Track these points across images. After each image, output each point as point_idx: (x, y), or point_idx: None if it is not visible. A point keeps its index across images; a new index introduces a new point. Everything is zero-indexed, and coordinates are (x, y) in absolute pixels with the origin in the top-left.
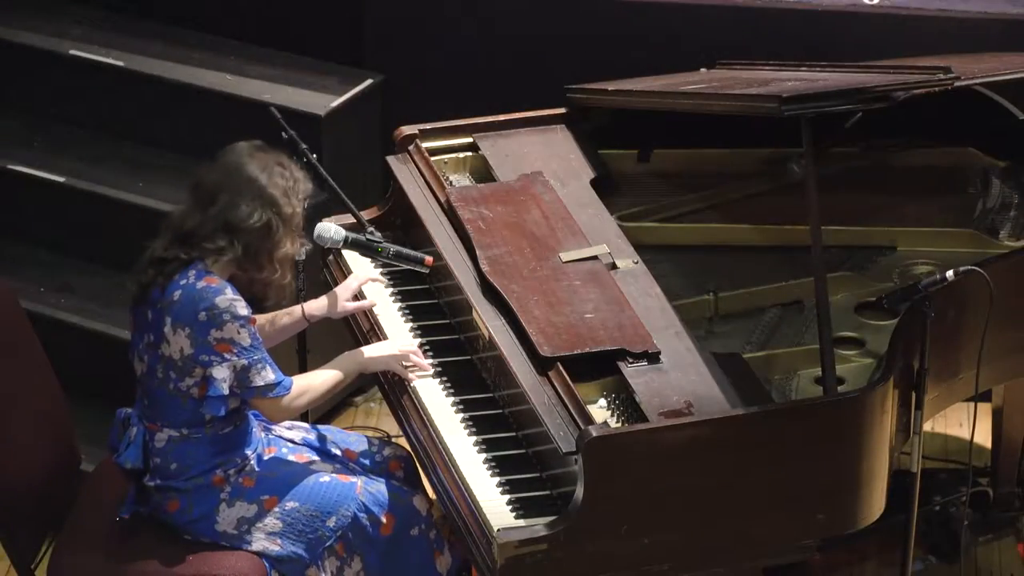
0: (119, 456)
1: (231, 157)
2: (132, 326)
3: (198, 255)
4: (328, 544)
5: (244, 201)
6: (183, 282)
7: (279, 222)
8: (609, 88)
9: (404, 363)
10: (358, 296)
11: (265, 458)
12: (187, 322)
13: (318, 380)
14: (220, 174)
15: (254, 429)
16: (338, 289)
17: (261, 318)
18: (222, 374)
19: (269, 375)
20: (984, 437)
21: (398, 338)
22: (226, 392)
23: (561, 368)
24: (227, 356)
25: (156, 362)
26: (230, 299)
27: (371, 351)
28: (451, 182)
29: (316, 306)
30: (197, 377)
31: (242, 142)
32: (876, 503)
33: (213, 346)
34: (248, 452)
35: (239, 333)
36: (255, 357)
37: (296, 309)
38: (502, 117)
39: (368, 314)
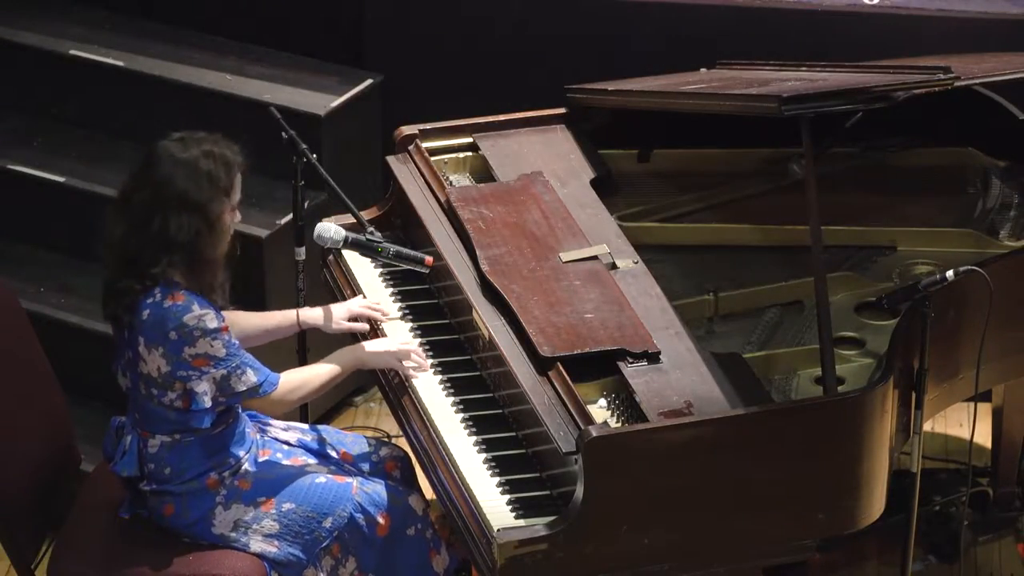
0: (115, 465)
1: (157, 169)
2: (114, 342)
3: (151, 283)
4: (324, 545)
5: (173, 215)
6: (149, 301)
7: (207, 227)
8: (609, 88)
9: (403, 360)
10: (356, 320)
11: (260, 460)
12: (159, 342)
13: (315, 373)
14: (149, 192)
15: (248, 430)
16: (337, 306)
17: (253, 317)
18: (202, 387)
19: (251, 378)
20: (984, 437)
21: (398, 335)
22: (208, 405)
23: (561, 368)
24: (205, 370)
25: (137, 379)
26: (198, 315)
27: (371, 346)
28: (451, 182)
29: (311, 315)
30: (179, 390)
31: (164, 143)
32: (876, 503)
33: (189, 363)
34: (241, 453)
35: (212, 346)
36: (233, 364)
37: (291, 313)
38: (502, 117)
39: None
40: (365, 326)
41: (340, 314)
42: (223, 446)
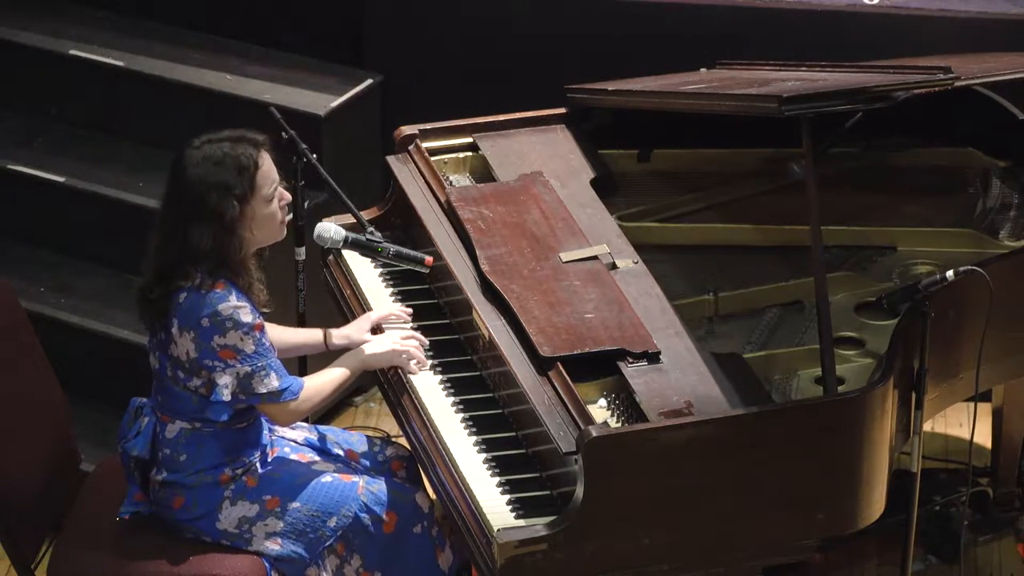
0: (127, 442)
1: (176, 181)
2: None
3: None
4: (328, 544)
5: (193, 225)
6: (188, 285)
7: (224, 232)
8: (609, 88)
9: (404, 356)
10: (375, 330)
11: (268, 459)
12: (191, 327)
13: (324, 382)
14: (171, 203)
15: (265, 431)
16: (358, 321)
17: (280, 330)
18: (224, 380)
19: (273, 382)
20: (984, 437)
21: (396, 331)
22: (227, 399)
23: (561, 368)
24: (230, 363)
25: (166, 360)
26: (233, 306)
27: (372, 348)
28: (451, 182)
29: (338, 337)
30: (204, 378)
31: (185, 152)
32: (876, 503)
33: (216, 352)
34: (256, 453)
35: (242, 340)
36: (259, 364)
37: (316, 332)
38: (502, 117)
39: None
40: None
41: (363, 327)
42: (241, 444)
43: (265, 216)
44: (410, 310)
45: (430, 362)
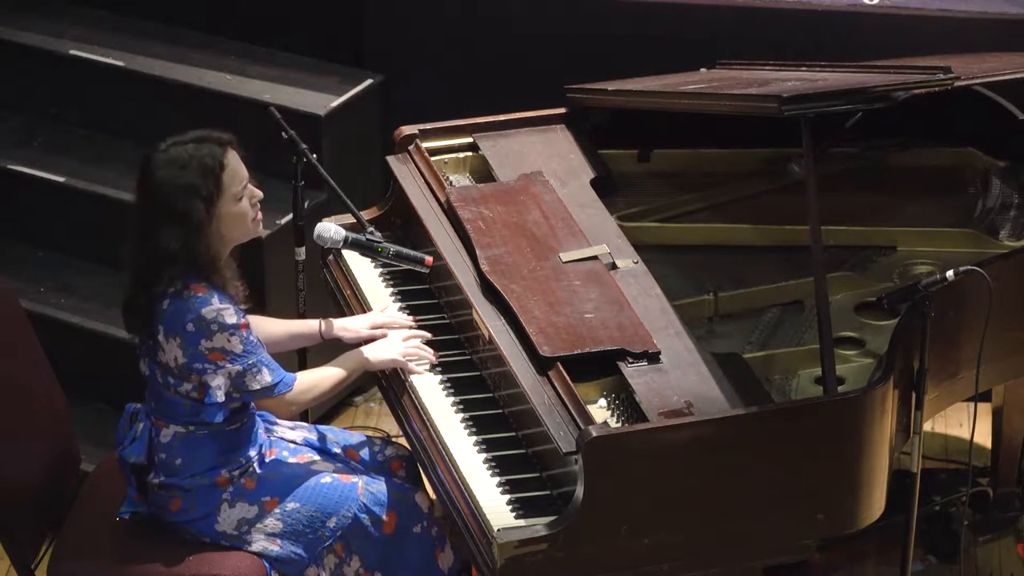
0: (123, 449)
1: (143, 186)
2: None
3: (162, 290)
4: (328, 544)
5: (163, 228)
6: (171, 291)
7: (193, 232)
8: (609, 88)
9: (407, 358)
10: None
11: (267, 460)
12: (176, 332)
13: (320, 377)
14: (140, 207)
15: (259, 430)
16: (359, 317)
17: (275, 324)
18: (217, 381)
19: (266, 377)
20: (984, 437)
21: (395, 336)
22: (221, 399)
23: (561, 368)
24: (220, 364)
25: (155, 367)
26: (217, 309)
27: (374, 352)
28: (451, 182)
29: (333, 326)
30: (194, 382)
31: (151, 156)
32: (876, 503)
33: (205, 355)
34: (252, 453)
35: (229, 341)
36: (250, 362)
37: (312, 323)
38: (502, 117)
39: None
40: (386, 332)
41: (362, 324)
42: (236, 445)
43: (234, 215)
44: (412, 323)
45: (428, 362)
